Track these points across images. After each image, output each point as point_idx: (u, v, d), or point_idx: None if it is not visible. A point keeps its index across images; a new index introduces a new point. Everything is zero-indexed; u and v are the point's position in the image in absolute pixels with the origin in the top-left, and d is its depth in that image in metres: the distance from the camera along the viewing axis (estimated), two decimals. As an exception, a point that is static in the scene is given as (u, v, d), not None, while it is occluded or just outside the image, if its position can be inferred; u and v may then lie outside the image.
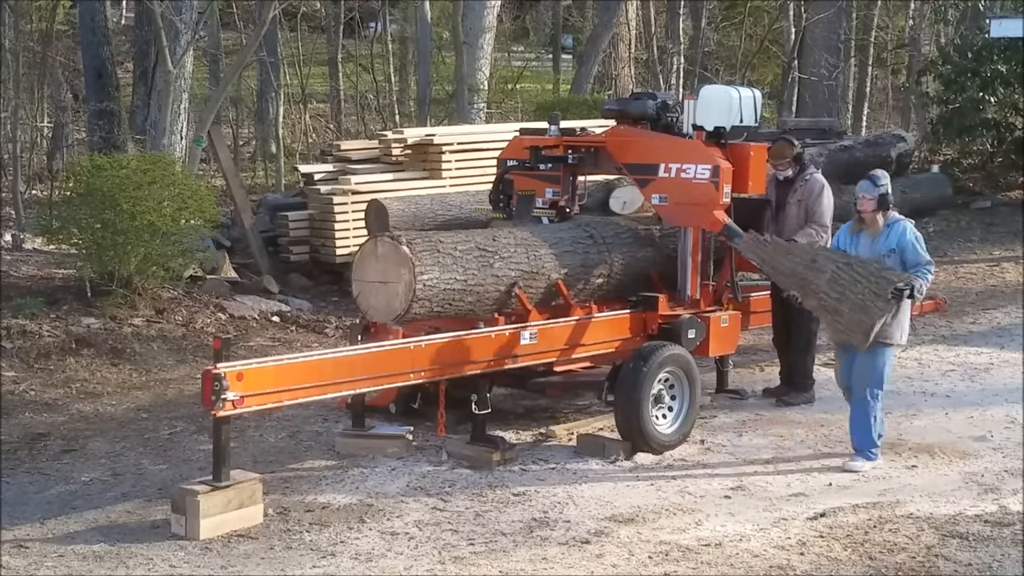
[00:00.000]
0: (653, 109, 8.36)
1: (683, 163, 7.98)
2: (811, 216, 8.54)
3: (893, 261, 7.21)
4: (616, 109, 8.78)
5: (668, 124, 8.34)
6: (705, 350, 8.12)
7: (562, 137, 8.60)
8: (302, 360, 6.56)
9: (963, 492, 6.82)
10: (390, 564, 5.78)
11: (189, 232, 10.63)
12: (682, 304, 8.13)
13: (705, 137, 8.15)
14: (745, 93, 8.51)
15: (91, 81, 16.67)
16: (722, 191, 7.88)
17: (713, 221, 7.93)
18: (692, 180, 7.94)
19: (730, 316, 8.28)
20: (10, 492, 6.80)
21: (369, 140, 14.35)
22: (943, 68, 18.39)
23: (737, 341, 8.54)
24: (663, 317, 7.96)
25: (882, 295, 6.97)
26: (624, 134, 8.48)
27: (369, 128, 20.23)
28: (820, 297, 7.24)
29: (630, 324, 7.95)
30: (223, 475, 6.15)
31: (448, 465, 7.23)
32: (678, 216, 8.13)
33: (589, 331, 7.73)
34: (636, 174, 8.36)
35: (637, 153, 8.25)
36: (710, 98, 8.38)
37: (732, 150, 8.10)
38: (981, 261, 14.52)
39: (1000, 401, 8.72)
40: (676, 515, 6.44)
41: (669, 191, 8.06)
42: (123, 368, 9.40)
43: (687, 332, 7.89)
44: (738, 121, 8.30)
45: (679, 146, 8.13)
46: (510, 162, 8.67)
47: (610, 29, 20.37)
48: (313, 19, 26.39)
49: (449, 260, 7.14)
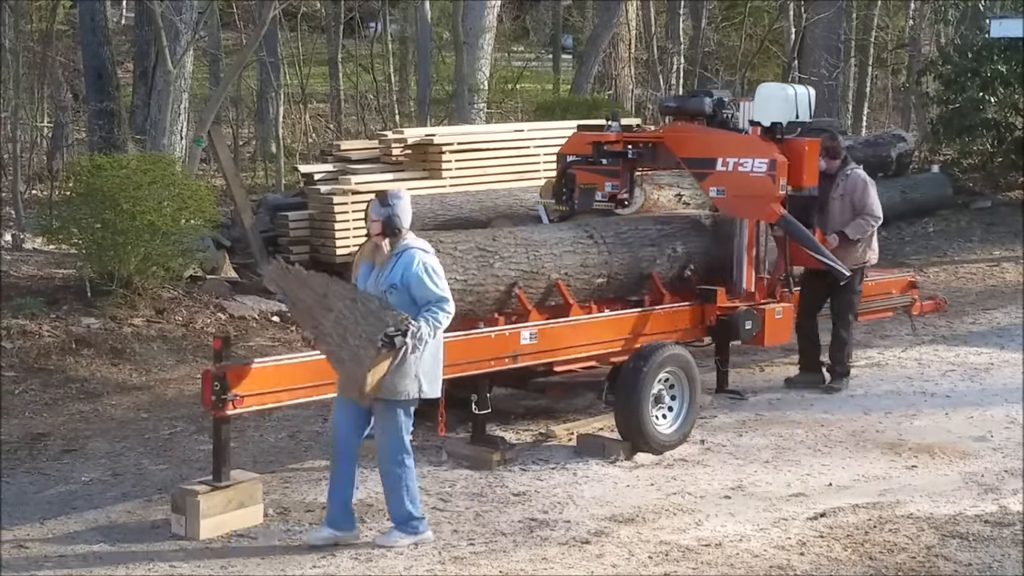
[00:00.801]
0: (710, 106, 8.68)
1: (740, 157, 8.34)
2: (861, 209, 8.89)
3: (398, 298, 5.86)
4: (674, 106, 9.14)
5: (723, 120, 8.67)
6: (761, 340, 8.44)
7: (623, 133, 8.95)
8: (302, 360, 6.56)
9: (963, 492, 6.82)
10: (390, 564, 5.78)
11: (189, 232, 10.63)
12: (738, 296, 8.42)
13: (761, 132, 8.45)
14: (800, 90, 8.95)
15: (91, 81, 16.67)
16: (778, 184, 8.25)
17: (770, 212, 8.30)
18: (749, 173, 8.29)
19: (784, 308, 8.55)
20: (10, 492, 6.80)
21: (369, 140, 14.35)
22: (943, 68, 18.38)
23: (791, 332, 8.80)
24: (721, 309, 8.27)
25: (374, 341, 5.73)
26: (682, 130, 8.83)
27: (369, 128, 20.23)
28: (327, 340, 5.93)
29: (690, 316, 8.29)
30: (223, 475, 6.15)
31: (448, 465, 7.23)
32: (735, 208, 8.48)
33: (651, 323, 8.02)
34: (694, 168, 8.73)
35: (695, 148, 8.62)
36: (768, 95, 8.81)
37: (788, 145, 8.43)
38: (981, 261, 14.51)
39: (1000, 401, 8.71)
40: (676, 515, 6.44)
41: (727, 184, 8.41)
42: (123, 368, 9.40)
43: (744, 323, 8.20)
44: (794, 117, 8.69)
45: (737, 141, 8.49)
46: (570, 157, 9.00)
47: (610, 29, 20.37)
48: (313, 19, 26.38)
49: (449, 260, 7.14)
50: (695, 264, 8.50)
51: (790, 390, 9.01)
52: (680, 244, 8.46)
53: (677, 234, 8.51)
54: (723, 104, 8.69)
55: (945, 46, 21.05)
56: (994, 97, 17.28)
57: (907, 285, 10.38)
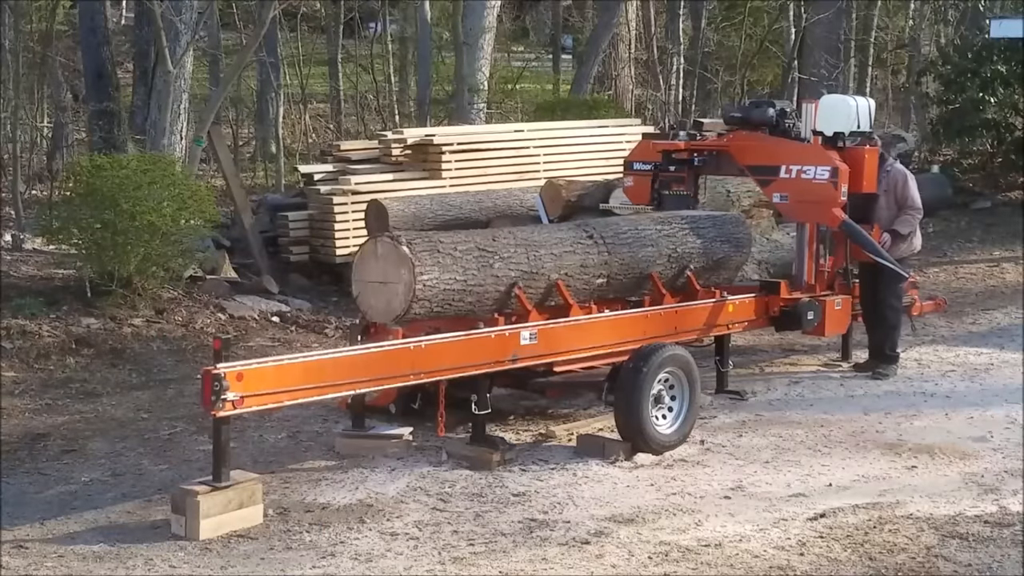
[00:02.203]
0: (772, 116, 9.17)
1: (803, 165, 8.86)
2: (903, 203, 9.32)
3: None
4: (739, 116, 9.51)
5: (785, 129, 9.14)
6: (821, 330, 8.97)
7: (690, 142, 9.46)
8: (302, 360, 6.56)
9: (963, 492, 6.82)
10: (390, 564, 5.78)
11: (189, 232, 10.63)
12: (799, 289, 8.98)
13: (821, 141, 8.94)
14: (862, 102, 9.39)
15: (91, 81, 16.68)
16: (840, 190, 8.75)
17: (832, 218, 8.81)
18: (812, 180, 8.81)
19: (842, 300, 9.07)
20: (10, 492, 6.80)
21: (369, 140, 14.35)
22: (943, 68, 18.40)
23: (848, 322, 9.32)
24: (784, 300, 8.78)
25: None
26: (746, 139, 9.29)
27: (369, 128, 20.23)
28: None
29: (755, 307, 8.74)
30: (223, 475, 6.15)
31: (448, 465, 7.23)
32: (799, 213, 9.04)
33: (723, 313, 8.44)
34: (758, 175, 9.26)
35: (759, 156, 9.14)
36: (832, 106, 9.25)
37: (848, 152, 8.98)
38: (981, 261, 14.52)
39: (1000, 401, 8.71)
40: (676, 515, 6.44)
41: (790, 190, 8.93)
42: (123, 368, 9.40)
43: (807, 314, 8.73)
44: (856, 127, 9.12)
45: (800, 150, 8.99)
46: (636, 164, 9.64)
47: (610, 29, 20.36)
48: (313, 19, 26.39)
49: (449, 260, 7.14)
50: (695, 264, 8.52)
51: (857, 375, 9.42)
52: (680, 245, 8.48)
53: (677, 234, 8.51)
54: (785, 114, 9.17)
55: (945, 46, 21.07)
56: (994, 97, 17.29)
57: (907, 285, 10.39)
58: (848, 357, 9.85)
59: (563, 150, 13.63)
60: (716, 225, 8.81)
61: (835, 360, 9.93)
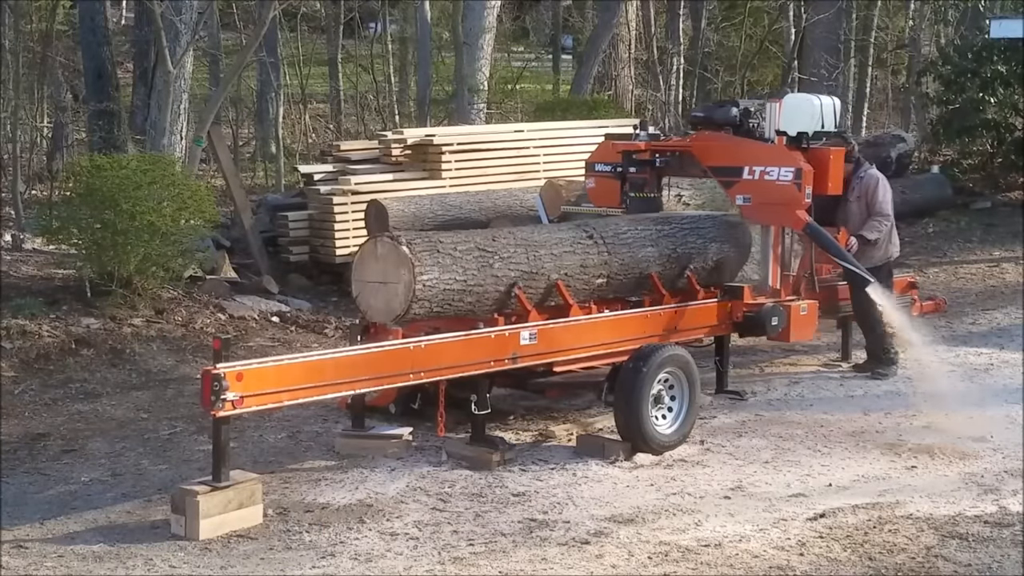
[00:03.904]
0: (736, 116, 8.91)
1: (767, 166, 8.57)
2: (872, 209, 9.20)
3: None
4: (702, 116, 9.29)
5: (749, 129, 8.86)
6: (786, 336, 8.66)
7: (651, 142, 9.16)
8: (302, 360, 6.56)
9: (963, 493, 6.82)
10: (390, 564, 5.78)
11: (189, 232, 10.63)
12: (764, 294, 8.67)
13: (786, 141, 8.66)
14: (826, 101, 9.15)
15: (91, 81, 16.67)
16: (804, 192, 8.47)
17: (796, 220, 8.53)
18: (776, 182, 8.53)
19: (809, 304, 8.75)
20: (10, 492, 6.80)
21: (369, 140, 14.36)
22: (943, 69, 18.38)
23: (815, 328, 8.99)
24: (747, 306, 8.48)
25: None
26: (709, 139, 9.02)
27: (369, 128, 20.23)
28: None
29: (717, 312, 8.46)
30: (223, 475, 6.15)
31: (448, 465, 7.23)
32: (762, 215, 8.73)
33: (685, 318, 8.23)
34: (721, 176, 8.95)
35: (722, 157, 8.85)
36: (795, 105, 9.01)
37: (813, 153, 8.70)
38: (981, 262, 14.51)
39: (1000, 401, 8.72)
40: (676, 515, 6.44)
41: (753, 192, 8.64)
42: (123, 368, 9.40)
43: (771, 320, 8.41)
44: (820, 127, 8.91)
45: (763, 150, 8.70)
46: (598, 166, 9.29)
47: (610, 30, 20.36)
48: (313, 19, 26.40)
49: (449, 260, 7.14)
50: (695, 264, 8.52)
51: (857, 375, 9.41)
52: (680, 245, 8.48)
53: (676, 235, 8.51)
54: (749, 114, 8.93)
55: (945, 47, 21.04)
56: (994, 98, 17.27)
57: (907, 286, 10.41)
58: (848, 357, 9.86)
59: (563, 150, 13.62)
60: (716, 225, 8.81)
61: (835, 360, 9.93)
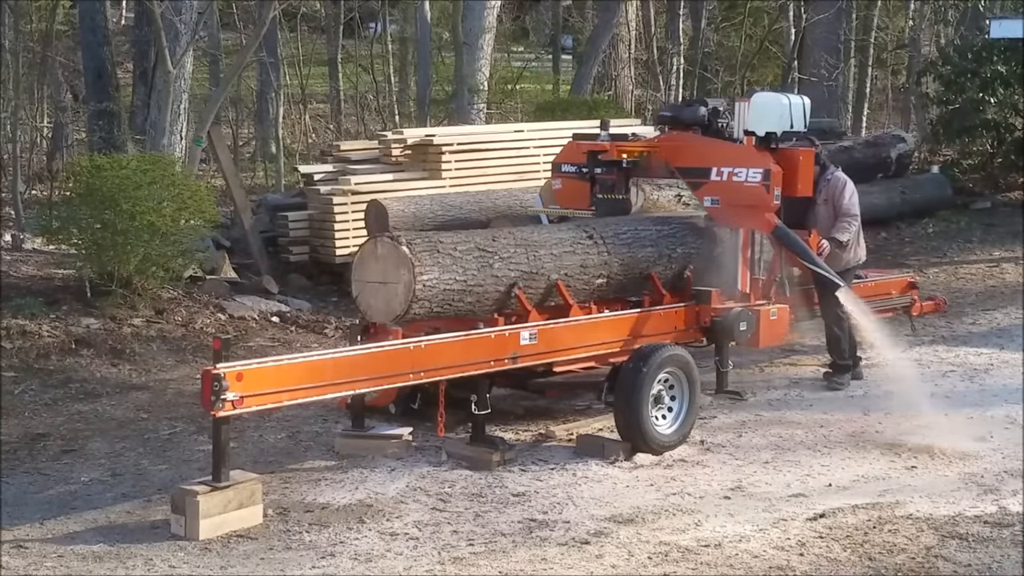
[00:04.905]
0: (704, 115, 8.68)
1: (735, 167, 8.34)
2: (839, 211, 8.95)
3: None
4: (670, 115, 9.09)
5: (718, 129, 8.67)
6: (756, 342, 8.39)
7: (616, 143, 8.88)
8: (302, 360, 6.56)
9: (963, 493, 6.82)
10: (390, 564, 5.78)
11: (189, 232, 10.63)
12: (733, 298, 8.39)
13: (755, 142, 8.42)
14: (795, 100, 8.88)
15: (91, 81, 16.66)
16: (773, 194, 8.26)
17: (764, 222, 8.32)
18: (744, 183, 8.30)
19: (779, 309, 8.50)
20: (10, 492, 6.80)
21: (369, 140, 14.35)
22: (943, 69, 18.37)
23: (786, 334, 8.75)
24: (715, 310, 8.21)
25: None
26: (677, 139, 8.81)
27: (369, 128, 20.22)
28: None
29: (684, 317, 8.24)
30: (223, 475, 6.15)
31: (448, 465, 7.23)
32: (730, 218, 8.45)
33: (650, 324, 8.00)
34: (689, 177, 8.73)
35: (690, 157, 8.61)
36: (763, 104, 8.73)
37: (782, 154, 8.46)
38: (981, 262, 14.51)
39: (1000, 401, 8.72)
40: (676, 515, 6.44)
41: (721, 194, 8.42)
42: (123, 368, 9.40)
43: (739, 324, 8.15)
44: (788, 127, 8.65)
45: (731, 151, 8.48)
46: (564, 167, 8.99)
47: (610, 30, 20.37)
48: (313, 19, 26.40)
49: (449, 260, 7.14)
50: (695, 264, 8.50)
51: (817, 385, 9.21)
52: (679, 245, 8.48)
53: (676, 235, 8.51)
54: (718, 113, 8.72)
55: (945, 47, 21.05)
56: (994, 98, 17.28)
57: (907, 286, 10.40)
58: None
59: (563, 150, 13.60)
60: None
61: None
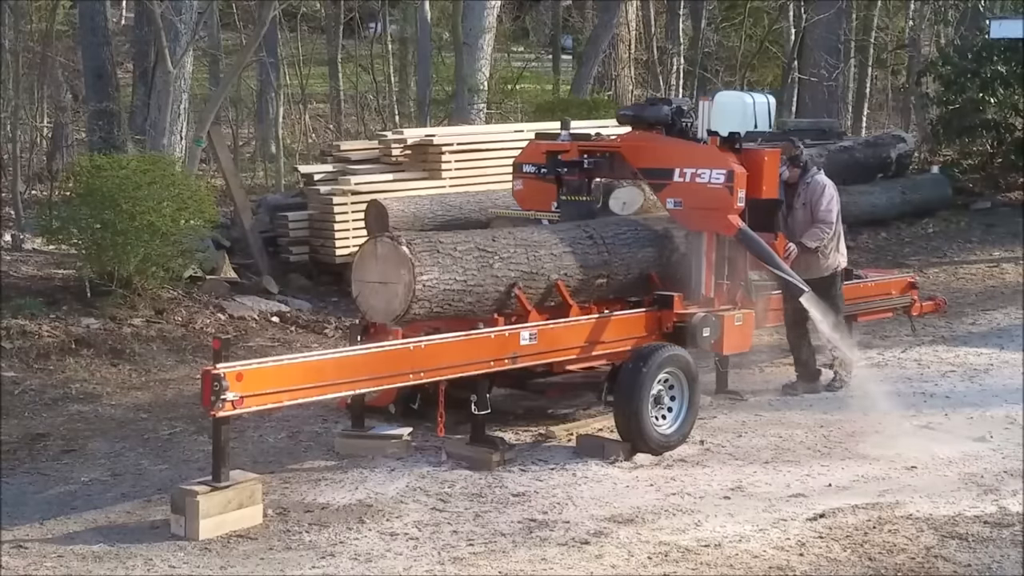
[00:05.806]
0: (668, 114, 8.44)
1: (698, 168, 8.07)
2: (816, 216, 8.76)
3: None
4: (631, 115, 8.82)
5: (682, 129, 8.43)
6: (719, 348, 8.15)
7: (578, 143, 8.69)
8: (302, 360, 6.56)
9: (963, 493, 6.82)
10: (389, 564, 5.78)
11: (189, 232, 10.63)
12: (696, 303, 8.17)
13: (719, 142, 8.20)
14: (759, 99, 8.75)
15: (91, 81, 16.66)
16: (736, 196, 7.97)
17: (727, 225, 8.02)
18: (707, 185, 8.02)
19: (744, 315, 8.25)
20: (10, 492, 6.79)
21: (369, 140, 14.35)
22: (943, 69, 18.39)
23: (751, 339, 8.49)
24: (678, 315, 8.00)
25: None
26: (639, 139, 8.56)
27: (369, 128, 20.23)
28: None
29: (646, 323, 8.01)
30: (223, 475, 6.15)
31: (447, 466, 7.23)
32: (693, 220, 8.21)
33: (608, 329, 7.78)
34: (651, 179, 8.47)
35: (652, 158, 8.36)
36: (725, 104, 8.54)
37: (746, 155, 8.19)
38: (981, 262, 14.51)
39: (1000, 401, 8.72)
40: (676, 516, 6.44)
41: (684, 196, 8.15)
42: (123, 368, 9.40)
43: (702, 330, 7.92)
44: (752, 127, 8.44)
45: (694, 151, 8.24)
46: (525, 167, 8.81)
47: (610, 30, 20.37)
48: (313, 19, 26.39)
49: (449, 260, 7.14)
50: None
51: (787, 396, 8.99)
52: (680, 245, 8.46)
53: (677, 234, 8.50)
54: (682, 113, 8.47)
55: (945, 47, 21.07)
56: (994, 98, 17.30)
57: (907, 286, 10.38)
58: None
59: (563, 150, 13.59)
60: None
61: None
